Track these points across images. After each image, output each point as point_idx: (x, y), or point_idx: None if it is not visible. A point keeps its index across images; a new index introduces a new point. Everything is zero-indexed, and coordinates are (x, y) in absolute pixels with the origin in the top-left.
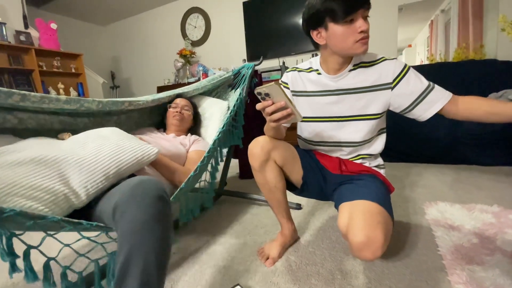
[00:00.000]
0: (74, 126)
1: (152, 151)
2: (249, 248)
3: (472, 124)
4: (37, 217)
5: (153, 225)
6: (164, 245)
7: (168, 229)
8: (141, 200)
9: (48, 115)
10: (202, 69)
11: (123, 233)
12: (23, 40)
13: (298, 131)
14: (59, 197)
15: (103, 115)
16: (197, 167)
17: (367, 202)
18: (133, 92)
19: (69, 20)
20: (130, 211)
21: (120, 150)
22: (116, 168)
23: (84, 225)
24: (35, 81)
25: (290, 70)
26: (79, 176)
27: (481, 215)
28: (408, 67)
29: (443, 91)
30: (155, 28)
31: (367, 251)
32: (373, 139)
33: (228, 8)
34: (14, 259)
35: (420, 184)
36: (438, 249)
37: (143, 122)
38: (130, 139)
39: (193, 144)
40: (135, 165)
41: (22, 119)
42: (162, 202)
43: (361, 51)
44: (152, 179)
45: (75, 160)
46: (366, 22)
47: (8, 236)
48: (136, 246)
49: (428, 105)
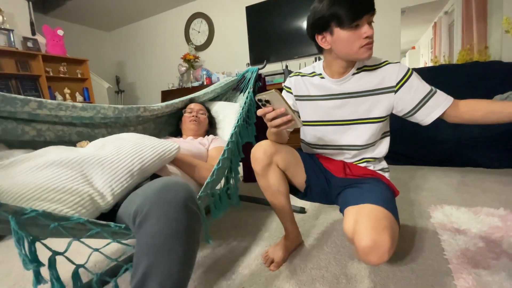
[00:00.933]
0: (92, 138)
1: (173, 147)
2: (254, 252)
3: (476, 127)
4: (61, 219)
5: (175, 242)
6: (185, 265)
7: (193, 244)
8: (164, 210)
9: (66, 126)
10: (206, 73)
11: (142, 246)
12: (30, 46)
13: (301, 135)
14: (84, 198)
15: (120, 127)
16: (219, 160)
17: (373, 206)
18: (138, 97)
19: (75, 26)
20: (150, 221)
21: (140, 147)
22: (140, 164)
23: (112, 227)
24: (42, 87)
25: (293, 75)
26: (103, 176)
27: (487, 218)
28: (411, 71)
29: (445, 96)
30: (159, 33)
31: (373, 255)
32: (377, 143)
33: (231, 13)
34: (38, 267)
35: (425, 187)
36: (444, 253)
37: (159, 133)
38: (149, 138)
39: (212, 142)
40: (158, 161)
41: (40, 130)
42: (189, 213)
43: (366, 56)
44: (179, 182)
45: (97, 160)
46: (371, 27)
47: (30, 240)
48: (153, 265)
49: (430, 110)
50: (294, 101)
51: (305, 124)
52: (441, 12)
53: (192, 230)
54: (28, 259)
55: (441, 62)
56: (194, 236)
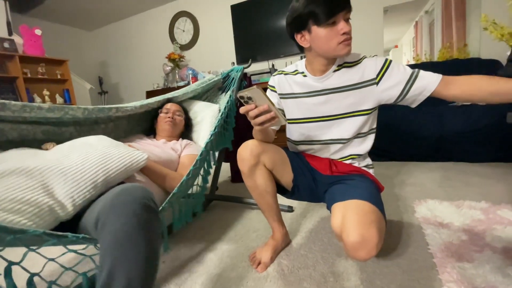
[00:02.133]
0: (59, 136)
1: (141, 157)
2: (241, 253)
3: (456, 122)
4: (18, 232)
5: (137, 236)
6: (150, 257)
7: (154, 240)
8: (122, 209)
9: (30, 125)
10: (192, 73)
11: (105, 246)
12: (6, 47)
13: (287, 134)
14: (43, 209)
15: (90, 124)
16: (190, 171)
17: (359, 201)
18: (122, 97)
19: (54, 26)
20: (111, 221)
21: (107, 157)
22: (104, 176)
23: (70, 238)
24: (19, 89)
25: (276, 74)
26: (64, 186)
27: (469, 211)
28: (389, 61)
29: (431, 75)
30: (143, 32)
31: (362, 250)
32: (362, 138)
33: (216, 12)
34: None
35: (409, 182)
36: (429, 247)
37: (132, 129)
38: (117, 146)
39: (184, 148)
40: (124, 172)
41: (2, 130)
42: (147, 210)
43: (344, 52)
44: (137, 185)
45: (60, 170)
46: (348, 24)
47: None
48: (118, 260)
49: (418, 91)
50: (278, 99)
51: (290, 122)
52: (422, 11)
53: (151, 225)
54: None
55: (423, 60)
56: (154, 231)
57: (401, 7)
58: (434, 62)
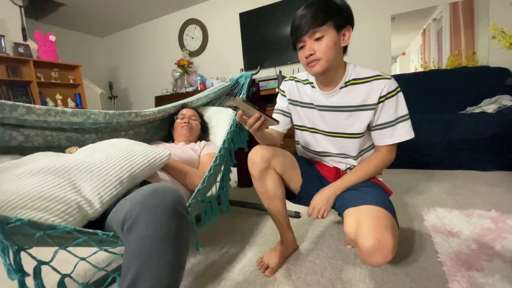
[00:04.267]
0: (82, 143)
1: (164, 154)
2: (248, 258)
3: (464, 130)
4: (47, 227)
5: (165, 246)
6: (176, 267)
7: (182, 249)
8: (152, 214)
9: (55, 131)
10: (200, 79)
11: (130, 252)
12: (21, 52)
13: (295, 137)
14: (71, 206)
15: (111, 131)
16: (211, 167)
17: (373, 207)
18: (131, 102)
19: (67, 32)
20: (139, 226)
21: (130, 154)
22: (129, 171)
23: (100, 235)
24: (33, 93)
25: (288, 79)
26: (91, 183)
27: (479, 220)
28: (398, 90)
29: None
30: (153, 39)
31: (378, 255)
32: (365, 154)
33: (225, 19)
34: (23, 277)
35: (417, 190)
36: (438, 255)
37: (150, 138)
38: (139, 144)
39: (204, 148)
40: (148, 168)
41: (28, 136)
42: (178, 217)
43: (312, 73)
44: (168, 186)
45: (86, 167)
46: (317, 43)
47: (15, 250)
48: (143, 269)
49: (381, 135)
50: (288, 104)
51: (297, 127)
52: (430, 19)
53: (181, 234)
54: (13, 269)
55: (431, 67)
56: (183, 240)
57: (409, 15)
58: (443, 70)
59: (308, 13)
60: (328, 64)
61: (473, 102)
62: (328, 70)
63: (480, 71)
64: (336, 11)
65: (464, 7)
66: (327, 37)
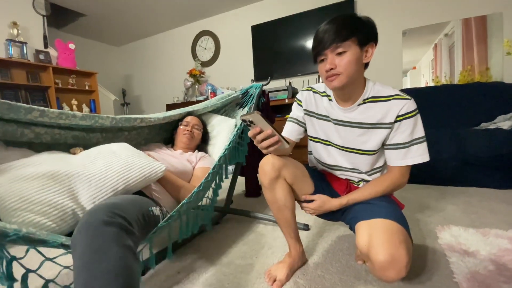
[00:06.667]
0: (86, 141)
1: (159, 169)
2: (256, 269)
3: (479, 147)
4: (38, 242)
5: (105, 256)
6: (122, 276)
7: (126, 254)
8: (86, 230)
9: (63, 130)
10: (211, 88)
11: (75, 269)
12: (42, 58)
13: (308, 147)
14: (67, 212)
15: (115, 131)
16: (201, 183)
17: (386, 220)
18: (143, 109)
19: (86, 41)
20: (78, 243)
21: (129, 167)
22: (124, 184)
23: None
24: (50, 97)
25: (305, 89)
26: (88, 192)
27: (496, 240)
28: (416, 112)
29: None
30: (167, 49)
31: (391, 270)
32: (378, 171)
33: (237, 31)
34: (12, 284)
35: (430, 206)
36: (454, 275)
37: (152, 138)
38: (139, 156)
39: (199, 160)
40: (143, 181)
41: (38, 133)
42: (111, 226)
43: (330, 87)
44: (103, 203)
45: (86, 176)
46: (339, 58)
47: (8, 260)
48: (88, 282)
49: (395, 155)
50: (304, 114)
51: (311, 138)
52: (441, 34)
53: (120, 240)
54: (5, 276)
55: (442, 82)
56: (124, 245)
57: (420, 30)
58: (456, 85)
59: (332, 28)
60: (347, 79)
61: (487, 118)
62: (347, 85)
63: (494, 87)
64: (360, 28)
65: (476, 22)
66: (349, 52)
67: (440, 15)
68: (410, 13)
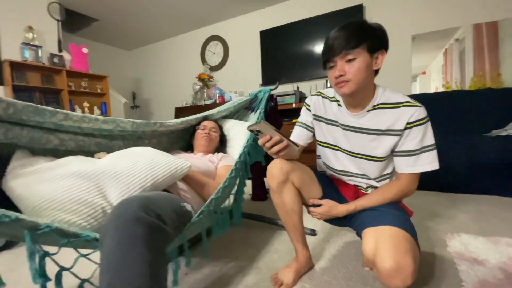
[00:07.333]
0: (109, 148)
1: (185, 165)
2: (262, 273)
3: (489, 154)
4: (72, 235)
5: (133, 257)
6: (150, 279)
7: (155, 256)
8: (116, 225)
9: (86, 136)
10: (219, 92)
11: (102, 265)
12: (56, 62)
13: (317, 152)
14: (97, 210)
15: (136, 139)
16: (226, 179)
17: (393, 228)
18: (152, 112)
19: (98, 45)
20: (107, 239)
21: (155, 164)
22: (152, 180)
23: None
24: (63, 100)
25: (315, 94)
26: (117, 189)
27: (507, 249)
28: (426, 120)
29: (412, 165)
30: (176, 53)
31: (397, 279)
32: (387, 177)
33: (246, 36)
34: (45, 282)
35: (439, 214)
36: (463, 284)
37: (171, 146)
38: (163, 155)
39: (221, 160)
40: (170, 178)
41: (63, 140)
42: (144, 224)
43: (340, 93)
44: (136, 195)
45: (113, 174)
46: (349, 65)
47: (41, 255)
48: (113, 282)
49: (405, 162)
50: (312, 119)
51: (319, 143)
52: (452, 40)
53: (151, 242)
54: (37, 273)
55: (453, 87)
56: (154, 248)
57: (430, 35)
58: (467, 91)
59: (342, 35)
60: (357, 86)
61: (499, 125)
62: (357, 92)
63: (506, 93)
64: (371, 35)
65: (488, 28)
66: (359, 59)
67: (450, 20)
68: (420, 19)
